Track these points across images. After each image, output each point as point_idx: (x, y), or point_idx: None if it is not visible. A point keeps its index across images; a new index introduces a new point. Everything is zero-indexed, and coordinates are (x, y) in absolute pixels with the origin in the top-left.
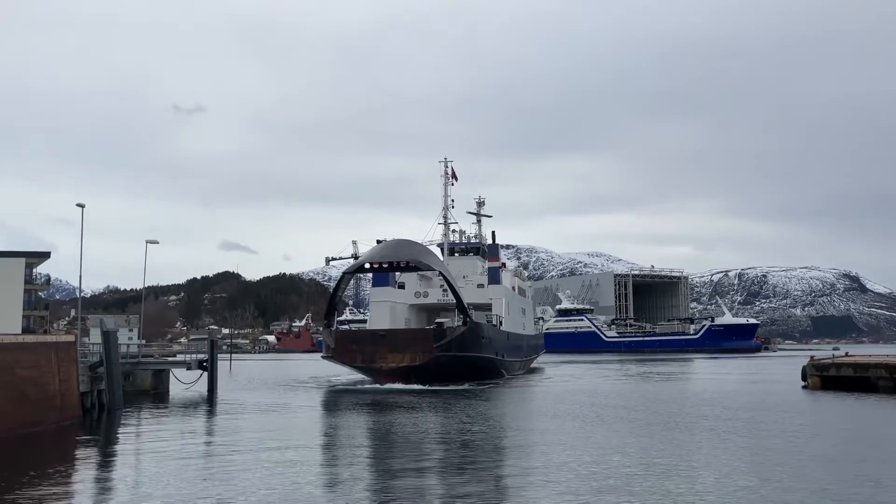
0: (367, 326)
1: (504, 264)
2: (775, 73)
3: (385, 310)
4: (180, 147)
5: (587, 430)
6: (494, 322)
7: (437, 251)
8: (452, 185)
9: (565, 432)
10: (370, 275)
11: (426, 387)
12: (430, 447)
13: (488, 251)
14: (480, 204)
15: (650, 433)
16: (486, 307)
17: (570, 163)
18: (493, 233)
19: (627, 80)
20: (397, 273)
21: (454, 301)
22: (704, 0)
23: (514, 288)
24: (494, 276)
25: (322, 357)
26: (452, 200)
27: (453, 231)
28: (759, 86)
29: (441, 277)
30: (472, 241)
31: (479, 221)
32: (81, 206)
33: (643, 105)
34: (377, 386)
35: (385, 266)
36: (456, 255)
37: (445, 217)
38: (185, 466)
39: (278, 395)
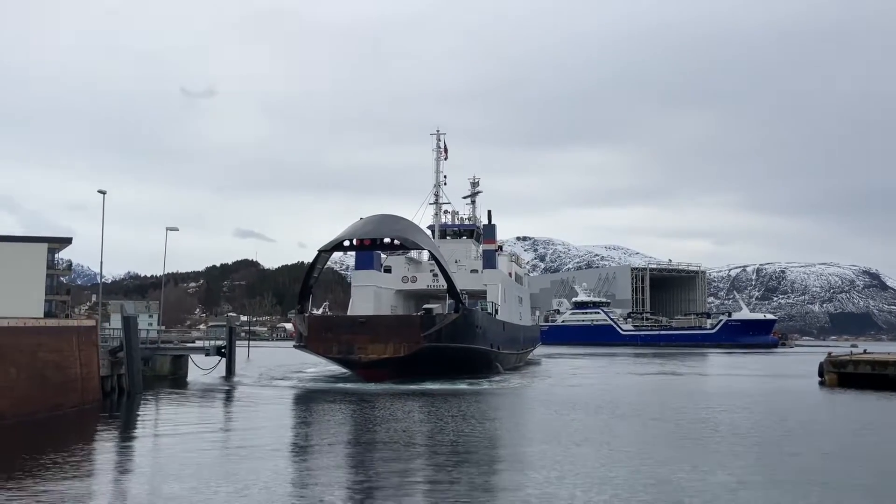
0: (349, 314)
1: (500, 247)
2: (796, 65)
3: (368, 295)
4: (190, 132)
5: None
6: (489, 310)
7: (428, 234)
8: (445, 160)
9: (578, 431)
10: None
11: (413, 386)
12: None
13: (484, 233)
14: (475, 184)
15: (664, 438)
16: (481, 294)
17: (588, 155)
18: (489, 212)
19: (647, 71)
20: (383, 255)
21: (445, 287)
22: None
23: (511, 274)
24: (490, 261)
25: (294, 346)
26: (445, 177)
27: (445, 212)
28: (780, 78)
29: (431, 260)
30: (466, 222)
31: (473, 202)
32: (103, 192)
33: (664, 97)
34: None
35: (367, 244)
36: (448, 237)
37: (437, 196)
38: (202, 453)
39: (291, 383)
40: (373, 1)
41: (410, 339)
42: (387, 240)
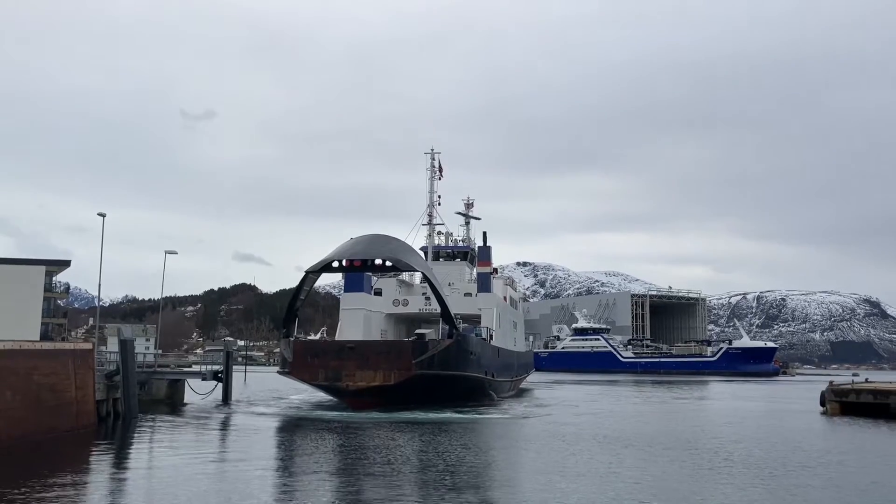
0: (337, 338)
1: (496, 270)
2: (797, 94)
3: (357, 319)
4: (190, 154)
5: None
6: (484, 335)
7: (421, 255)
8: (439, 179)
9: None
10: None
11: (404, 415)
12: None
13: (478, 254)
14: (469, 205)
15: (677, 469)
16: (475, 319)
17: (588, 180)
18: (485, 234)
19: (647, 97)
20: (373, 277)
21: (438, 310)
22: (726, 17)
23: (506, 298)
24: (484, 284)
25: (278, 372)
26: (439, 197)
27: (439, 233)
28: (781, 107)
29: (423, 282)
30: (460, 244)
31: (467, 224)
32: (102, 215)
33: (663, 123)
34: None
35: (357, 265)
36: (441, 259)
37: (430, 216)
38: (195, 481)
39: (276, 410)
40: (371, 25)
41: (401, 366)
42: (378, 261)
